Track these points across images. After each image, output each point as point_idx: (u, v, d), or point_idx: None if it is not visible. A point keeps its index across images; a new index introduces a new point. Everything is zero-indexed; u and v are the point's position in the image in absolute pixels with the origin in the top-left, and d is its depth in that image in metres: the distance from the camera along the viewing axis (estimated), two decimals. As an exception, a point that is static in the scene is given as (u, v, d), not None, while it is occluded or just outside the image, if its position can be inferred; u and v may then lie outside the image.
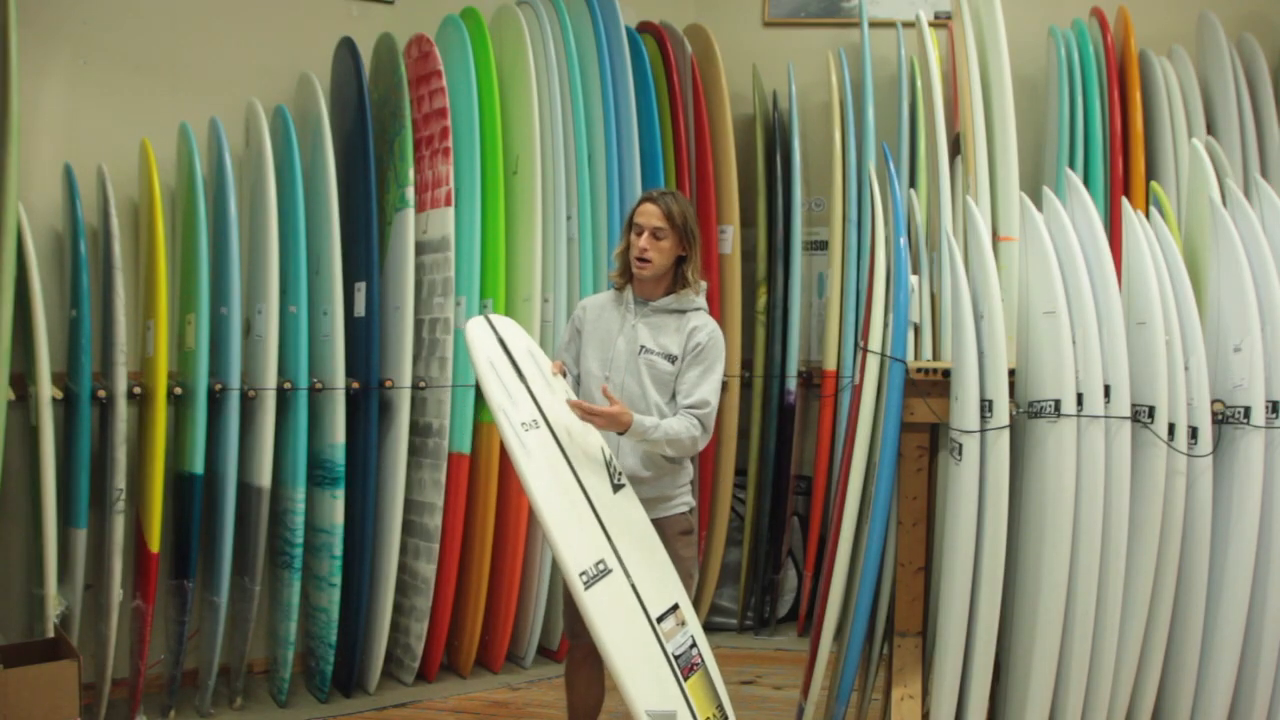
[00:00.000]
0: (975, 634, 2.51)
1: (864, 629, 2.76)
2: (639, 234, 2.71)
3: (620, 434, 2.61)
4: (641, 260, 2.70)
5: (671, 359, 2.72)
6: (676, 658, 2.50)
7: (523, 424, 2.57)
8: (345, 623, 3.68)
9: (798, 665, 3.53)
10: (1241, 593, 2.43)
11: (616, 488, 2.65)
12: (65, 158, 3.48)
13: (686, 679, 2.49)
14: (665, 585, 2.61)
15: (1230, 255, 2.50)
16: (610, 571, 2.47)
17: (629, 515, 2.64)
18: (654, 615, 2.51)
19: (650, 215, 2.70)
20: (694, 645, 2.57)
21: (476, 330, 2.73)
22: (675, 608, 2.58)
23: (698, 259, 2.77)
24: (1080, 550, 2.42)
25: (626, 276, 2.79)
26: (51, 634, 3.21)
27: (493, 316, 2.80)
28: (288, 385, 3.55)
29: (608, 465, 2.66)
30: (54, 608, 3.22)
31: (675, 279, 2.76)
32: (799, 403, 4.51)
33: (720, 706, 2.56)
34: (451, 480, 3.77)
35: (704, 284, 2.82)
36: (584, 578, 2.41)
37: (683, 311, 2.75)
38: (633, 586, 2.50)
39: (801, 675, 3.01)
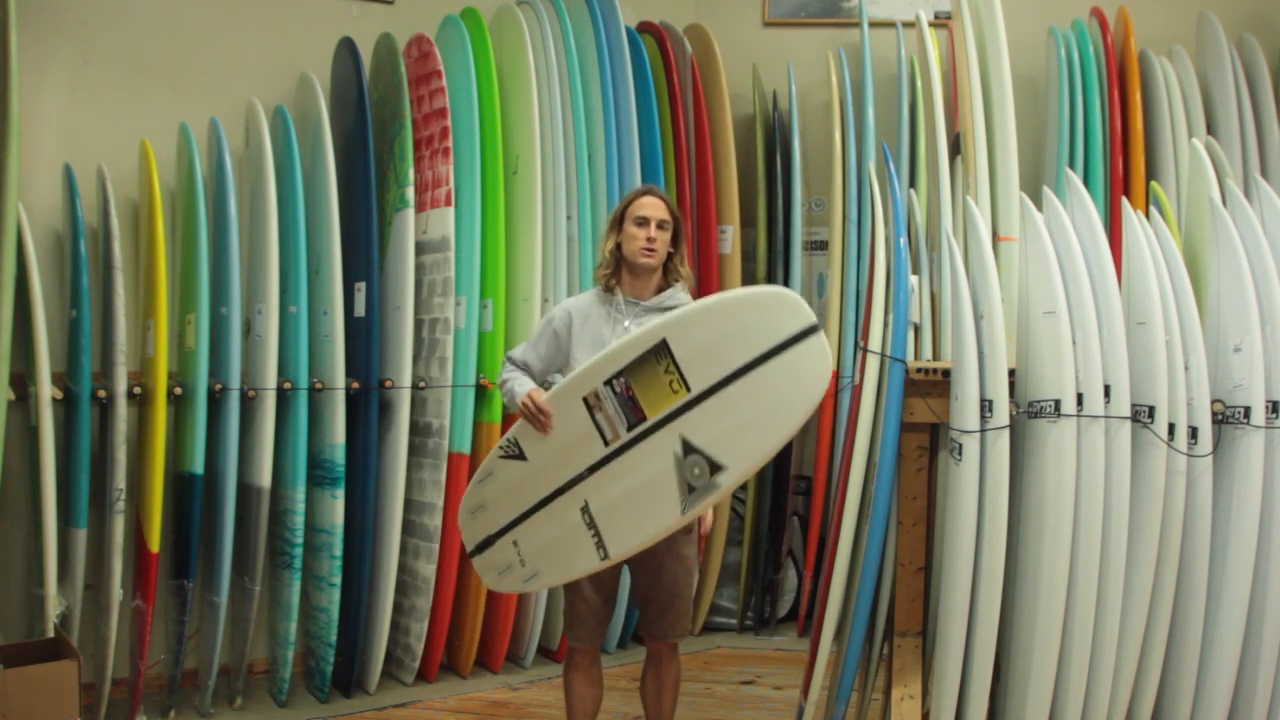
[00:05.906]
0: (975, 634, 2.51)
1: (864, 629, 2.76)
2: (643, 225, 2.75)
3: None
4: (651, 250, 2.75)
5: None
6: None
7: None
8: (345, 623, 3.68)
9: (798, 665, 3.53)
10: (1241, 593, 2.43)
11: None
12: (65, 158, 3.48)
13: None
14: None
15: (1230, 255, 2.50)
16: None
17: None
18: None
19: (657, 208, 2.77)
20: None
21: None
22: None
23: (684, 251, 2.85)
24: (1080, 550, 2.42)
25: (618, 274, 2.80)
26: (51, 634, 3.21)
27: None
28: (288, 385, 3.55)
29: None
30: (54, 608, 3.22)
31: (665, 274, 2.82)
32: (799, 403, 4.49)
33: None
34: (451, 480, 3.76)
35: (692, 276, 2.87)
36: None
37: (675, 308, 2.77)
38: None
39: (801, 675, 3.01)
